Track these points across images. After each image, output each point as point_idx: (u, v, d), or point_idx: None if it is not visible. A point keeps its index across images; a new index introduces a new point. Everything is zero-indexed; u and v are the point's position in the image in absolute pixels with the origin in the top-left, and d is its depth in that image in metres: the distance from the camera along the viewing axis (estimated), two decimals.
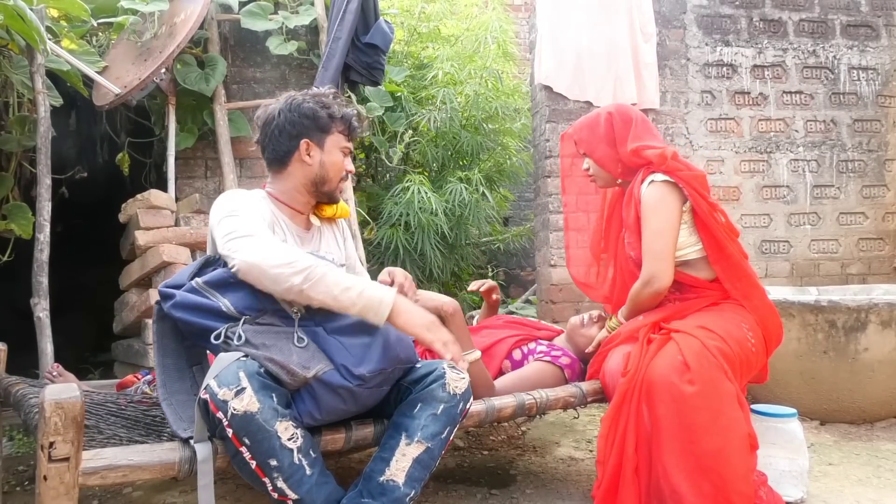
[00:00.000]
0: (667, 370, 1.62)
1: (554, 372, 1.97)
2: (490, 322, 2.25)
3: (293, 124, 1.60)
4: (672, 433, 1.57)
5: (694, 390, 1.59)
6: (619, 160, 1.99)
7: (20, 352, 2.18)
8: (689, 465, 1.54)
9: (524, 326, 2.21)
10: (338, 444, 1.43)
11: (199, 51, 3.24)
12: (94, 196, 3.38)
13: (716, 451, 1.54)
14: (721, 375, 1.63)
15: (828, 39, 3.81)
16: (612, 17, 3.50)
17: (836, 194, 3.79)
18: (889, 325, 2.52)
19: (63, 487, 1.13)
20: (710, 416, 1.57)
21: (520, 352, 2.07)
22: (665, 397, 1.59)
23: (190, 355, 1.50)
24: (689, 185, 1.84)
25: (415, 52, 4.15)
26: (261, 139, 1.66)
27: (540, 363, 1.99)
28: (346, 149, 1.67)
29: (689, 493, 1.52)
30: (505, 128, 4.18)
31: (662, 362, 1.65)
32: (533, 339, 2.11)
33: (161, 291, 1.46)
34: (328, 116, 1.62)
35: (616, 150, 1.99)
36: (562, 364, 1.99)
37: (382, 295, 1.37)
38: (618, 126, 1.99)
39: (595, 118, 2.06)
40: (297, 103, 1.61)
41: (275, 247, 1.39)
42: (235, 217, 1.45)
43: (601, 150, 2.02)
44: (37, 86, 2.51)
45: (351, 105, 1.74)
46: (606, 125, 2.01)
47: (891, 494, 1.96)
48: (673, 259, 1.85)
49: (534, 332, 2.17)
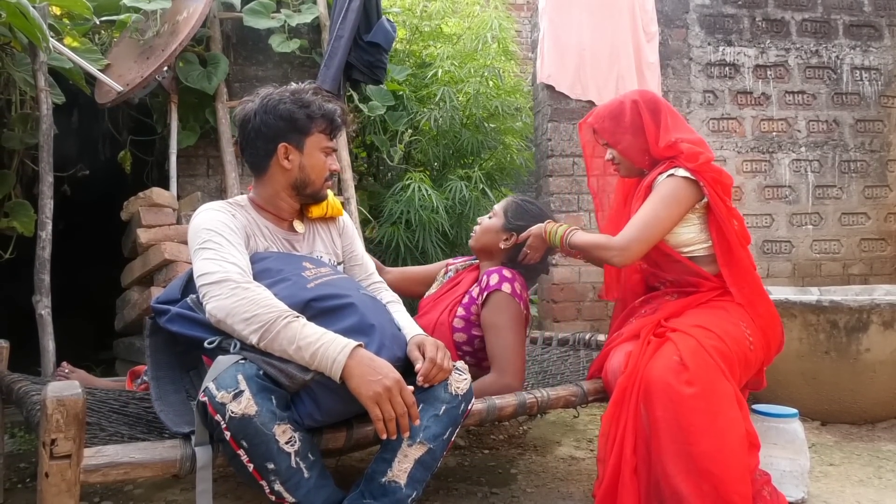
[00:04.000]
0: (664, 371, 1.61)
1: (501, 302, 1.87)
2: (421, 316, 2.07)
3: (269, 127, 1.51)
4: (670, 434, 1.56)
5: (692, 392, 1.58)
6: (647, 151, 1.92)
7: (22, 349, 2.18)
8: (689, 466, 1.53)
9: (445, 295, 2.06)
10: (339, 442, 1.43)
11: (201, 49, 3.24)
12: (95, 194, 3.38)
13: (714, 452, 1.53)
14: (719, 376, 1.62)
15: (830, 39, 3.80)
16: (614, 16, 3.50)
17: (839, 195, 3.79)
18: (891, 325, 2.52)
19: (65, 484, 1.13)
20: (708, 418, 1.56)
21: (461, 321, 1.94)
22: (663, 398, 1.58)
23: (184, 361, 1.50)
24: (713, 186, 1.82)
25: (416, 51, 4.15)
26: (239, 141, 1.59)
27: (489, 315, 1.87)
28: (329, 148, 1.59)
29: (689, 494, 1.51)
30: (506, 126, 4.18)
31: (660, 363, 1.64)
32: (458, 301, 1.98)
33: (154, 307, 1.46)
34: (307, 117, 1.53)
35: (645, 140, 1.91)
36: (501, 289, 1.88)
37: (336, 356, 1.27)
38: (646, 115, 1.91)
39: (618, 106, 1.96)
40: (273, 104, 1.52)
41: (240, 298, 1.32)
42: (207, 250, 1.41)
43: (626, 140, 1.94)
44: (39, 83, 2.51)
45: (333, 99, 1.63)
46: (633, 114, 1.92)
47: (892, 495, 1.95)
48: (648, 249, 1.83)
49: (455, 292, 2.04)
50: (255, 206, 1.60)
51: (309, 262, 1.56)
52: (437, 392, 1.42)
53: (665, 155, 1.89)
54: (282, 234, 1.60)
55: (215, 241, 1.43)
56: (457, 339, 1.94)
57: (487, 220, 2.05)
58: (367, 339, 1.37)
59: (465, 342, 1.94)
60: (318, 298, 1.42)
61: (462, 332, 1.94)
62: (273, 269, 1.47)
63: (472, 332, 1.93)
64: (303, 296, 1.41)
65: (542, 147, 3.72)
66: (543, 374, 2.20)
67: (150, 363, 1.49)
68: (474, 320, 1.93)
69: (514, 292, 1.88)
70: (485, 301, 1.88)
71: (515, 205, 2.04)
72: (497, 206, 2.06)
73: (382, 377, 1.28)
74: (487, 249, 2.02)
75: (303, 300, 1.40)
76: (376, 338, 1.40)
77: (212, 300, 1.34)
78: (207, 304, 1.35)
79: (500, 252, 2.01)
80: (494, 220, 2.03)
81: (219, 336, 1.35)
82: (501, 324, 1.84)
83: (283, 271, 1.47)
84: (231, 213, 1.53)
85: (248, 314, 1.31)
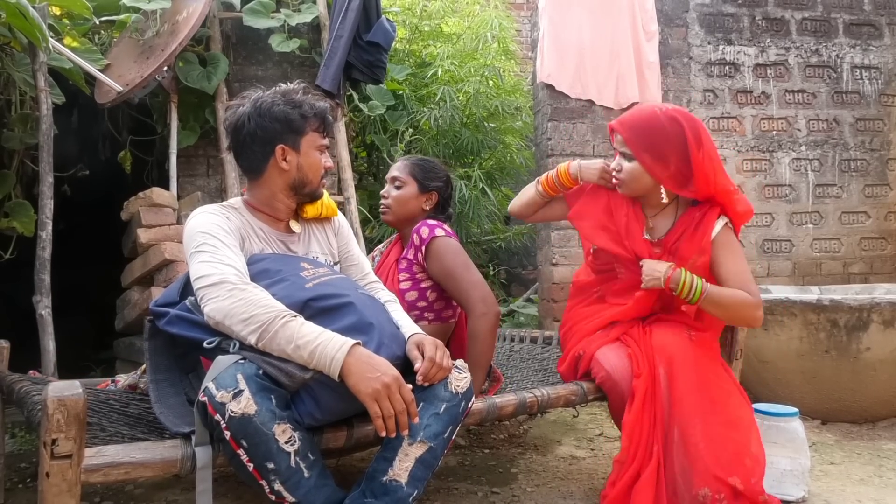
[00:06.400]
0: (684, 341, 1.76)
1: (442, 247, 1.88)
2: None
3: (265, 130, 1.51)
4: (694, 403, 1.67)
5: (710, 361, 1.77)
6: (680, 181, 1.79)
7: (22, 349, 2.18)
8: (712, 432, 1.65)
9: (380, 272, 2.05)
10: (339, 441, 1.43)
11: (201, 49, 3.24)
12: (95, 194, 3.39)
13: (736, 419, 1.69)
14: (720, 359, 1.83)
15: (830, 38, 3.80)
16: (614, 15, 3.50)
17: (839, 193, 3.79)
18: (891, 324, 2.52)
19: (65, 484, 1.13)
20: (724, 393, 1.73)
21: (407, 282, 1.95)
22: (687, 361, 1.72)
23: (183, 363, 1.50)
24: (737, 230, 1.87)
25: (416, 51, 4.15)
26: (232, 146, 1.58)
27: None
28: (323, 146, 1.60)
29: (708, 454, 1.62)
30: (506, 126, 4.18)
31: (676, 338, 1.77)
32: (396, 270, 1.99)
33: (153, 310, 1.47)
34: (301, 117, 1.53)
35: (688, 170, 1.77)
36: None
37: (334, 354, 1.27)
38: (694, 145, 1.75)
39: (658, 122, 1.78)
40: (266, 107, 1.52)
41: (238, 299, 1.33)
42: (203, 253, 1.41)
43: (662, 162, 1.79)
44: (39, 83, 2.51)
45: (322, 97, 1.63)
46: (677, 137, 1.76)
47: (892, 494, 1.95)
48: None
49: (388, 264, 2.06)
50: (250, 208, 1.60)
51: (307, 262, 1.56)
52: (437, 390, 1.42)
53: (710, 195, 1.80)
54: (277, 235, 1.60)
55: (210, 243, 1.43)
56: (409, 299, 1.94)
57: (396, 191, 2.02)
58: (366, 338, 1.37)
59: (419, 298, 1.96)
60: (316, 298, 1.42)
61: (413, 291, 1.95)
62: (271, 269, 1.48)
63: (422, 286, 1.95)
64: (301, 296, 1.41)
65: (541, 146, 3.72)
66: (543, 373, 2.20)
67: (149, 366, 1.49)
68: (420, 277, 1.95)
69: (448, 232, 1.92)
70: (427, 254, 1.89)
71: (418, 166, 2.04)
72: (400, 174, 2.03)
73: (381, 374, 1.28)
74: (409, 217, 2.02)
75: (301, 300, 1.40)
76: (375, 336, 1.40)
77: (209, 302, 1.34)
78: (205, 307, 1.35)
79: (422, 214, 2.03)
80: (407, 188, 2.02)
81: (218, 337, 1.35)
82: (454, 265, 1.85)
83: (282, 272, 1.47)
84: (225, 215, 1.53)
85: (246, 315, 1.31)
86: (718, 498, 1.59)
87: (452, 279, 1.85)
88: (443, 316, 1.99)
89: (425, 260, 1.90)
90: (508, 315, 4.36)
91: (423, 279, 1.94)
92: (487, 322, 1.77)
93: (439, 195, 2.05)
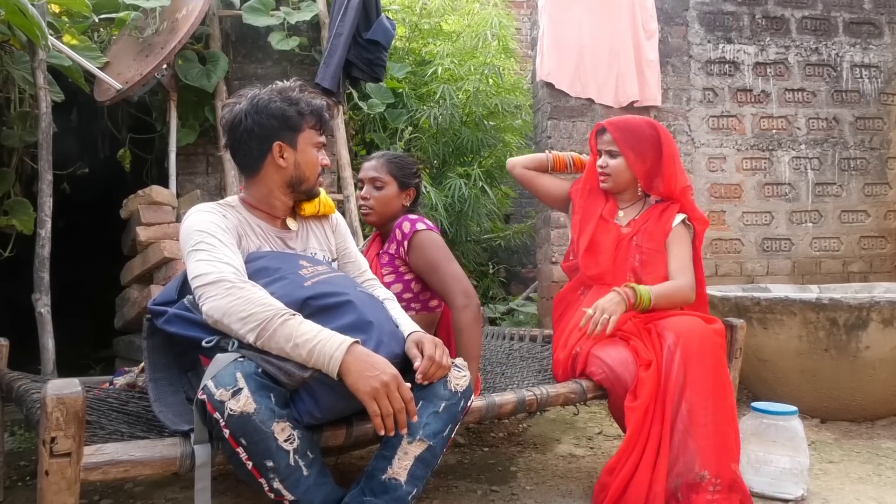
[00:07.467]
0: (700, 324, 1.83)
1: (424, 240, 1.91)
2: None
3: (262, 127, 1.51)
4: (710, 386, 1.71)
5: (720, 345, 1.82)
6: (651, 177, 2.07)
7: (22, 348, 2.18)
8: (720, 417, 1.69)
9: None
10: (339, 439, 1.43)
11: (200, 47, 3.24)
12: (95, 192, 3.38)
13: (735, 408, 1.76)
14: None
15: (830, 37, 3.80)
16: (614, 13, 3.49)
17: (838, 192, 3.78)
18: (890, 323, 2.52)
19: (65, 483, 1.13)
20: (730, 381, 1.81)
21: (391, 275, 1.97)
22: (707, 342, 1.77)
23: (182, 362, 1.50)
24: (700, 235, 2.09)
25: (416, 49, 4.15)
26: (229, 144, 1.57)
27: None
28: (320, 143, 1.59)
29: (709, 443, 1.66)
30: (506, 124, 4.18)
31: (691, 322, 1.83)
32: (378, 264, 2.01)
33: (151, 309, 1.46)
34: (298, 114, 1.53)
35: (658, 167, 2.06)
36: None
37: (333, 352, 1.27)
38: (666, 147, 2.06)
39: (640, 125, 2.09)
40: (263, 103, 1.51)
41: (236, 297, 1.32)
42: (201, 251, 1.40)
43: (641, 158, 2.06)
44: (38, 81, 2.51)
45: (317, 94, 1.64)
46: (654, 139, 2.06)
47: (891, 492, 1.96)
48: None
49: (369, 259, 2.06)
50: (247, 206, 1.59)
51: (305, 260, 1.55)
52: (437, 389, 1.42)
53: (673, 193, 2.07)
54: (274, 233, 1.60)
55: (208, 241, 1.42)
56: (395, 291, 1.94)
57: (377, 192, 2.02)
58: (366, 337, 1.37)
59: (404, 290, 1.97)
60: (315, 296, 1.41)
61: (397, 283, 1.97)
62: (270, 267, 1.47)
63: (406, 278, 1.97)
64: (300, 294, 1.41)
65: (541, 145, 3.71)
66: (543, 372, 2.20)
67: (148, 365, 1.49)
68: (403, 270, 1.97)
69: (428, 226, 1.94)
70: (409, 248, 1.91)
71: (394, 164, 2.05)
72: (380, 175, 2.02)
73: (380, 373, 1.28)
74: (392, 215, 2.03)
75: (300, 298, 1.40)
76: (374, 335, 1.40)
77: (208, 301, 1.34)
78: (204, 305, 1.34)
79: (402, 210, 2.04)
80: (388, 187, 2.01)
81: (217, 335, 1.35)
82: (436, 258, 1.89)
83: (280, 270, 1.47)
84: (222, 213, 1.52)
85: (245, 313, 1.31)
86: (714, 482, 1.63)
87: (435, 272, 1.89)
88: (429, 306, 2.02)
89: (408, 254, 1.92)
90: (508, 314, 4.36)
91: (406, 272, 1.97)
92: (470, 313, 1.81)
93: (416, 190, 2.09)
